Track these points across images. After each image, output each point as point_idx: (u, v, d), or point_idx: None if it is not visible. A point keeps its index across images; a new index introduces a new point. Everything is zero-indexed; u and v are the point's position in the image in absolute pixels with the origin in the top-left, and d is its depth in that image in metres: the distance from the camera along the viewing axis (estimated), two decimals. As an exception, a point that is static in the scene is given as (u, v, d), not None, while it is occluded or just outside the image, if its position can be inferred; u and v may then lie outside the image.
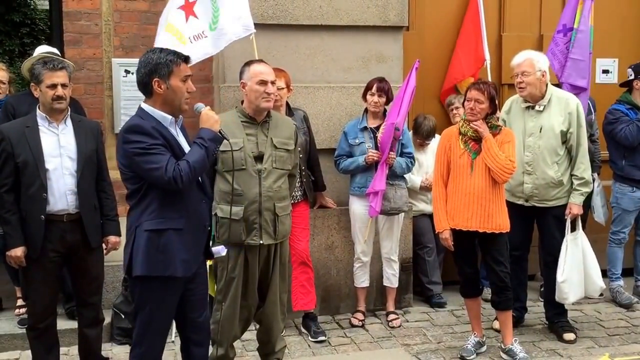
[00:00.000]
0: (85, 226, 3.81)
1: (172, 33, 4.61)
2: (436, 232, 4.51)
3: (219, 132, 3.25)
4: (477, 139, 4.29)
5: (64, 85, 3.75)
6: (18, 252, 3.69)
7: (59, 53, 4.87)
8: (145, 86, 3.16)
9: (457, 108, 5.47)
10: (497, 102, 4.39)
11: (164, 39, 4.57)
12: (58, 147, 3.76)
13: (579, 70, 5.39)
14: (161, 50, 3.20)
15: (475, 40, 5.72)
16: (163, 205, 3.13)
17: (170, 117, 3.19)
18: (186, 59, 3.21)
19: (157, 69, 3.11)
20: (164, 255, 3.13)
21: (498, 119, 4.57)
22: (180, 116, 3.27)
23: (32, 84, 3.75)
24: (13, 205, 3.69)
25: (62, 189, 3.73)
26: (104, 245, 3.99)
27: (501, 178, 4.23)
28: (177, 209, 3.16)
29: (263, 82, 3.83)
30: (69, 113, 3.85)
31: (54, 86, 3.71)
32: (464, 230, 4.32)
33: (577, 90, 5.33)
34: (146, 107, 3.18)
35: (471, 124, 4.29)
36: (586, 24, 5.41)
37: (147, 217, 3.13)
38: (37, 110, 3.80)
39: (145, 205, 3.15)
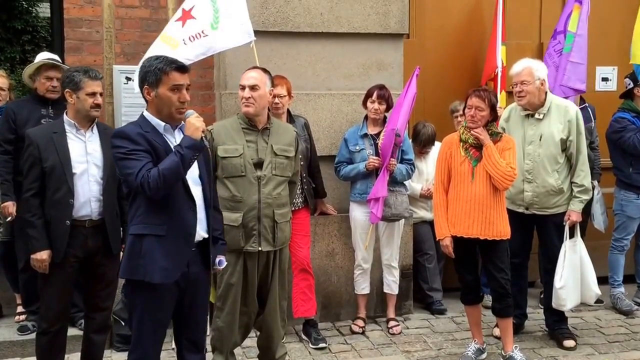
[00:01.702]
0: (108, 232, 3.83)
1: (166, 42, 4.57)
2: (437, 239, 4.50)
3: (201, 139, 3.16)
4: (478, 146, 4.29)
5: (100, 94, 3.84)
6: (44, 255, 3.70)
7: (60, 60, 4.89)
8: (141, 93, 3.21)
9: (461, 115, 5.45)
10: (497, 109, 4.41)
11: (156, 47, 4.54)
12: (85, 154, 3.78)
13: (578, 74, 5.44)
14: (156, 57, 3.20)
15: (490, 45, 5.76)
16: (148, 211, 3.14)
17: (163, 124, 3.19)
18: (179, 68, 3.16)
19: (146, 76, 3.14)
20: (143, 260, 3.13)
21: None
22: (183, 122, 3.25)
23: (67, 90, 3.76)
24: (39, 209, 3.72)
25: (87, 195, 3.75)
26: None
27: (502, 185, 4.24)
28: (159, 216, 3.14)
29: (241, 87, 3.89)
30: (95, 121, 3.89)
31: (93, 94, 3.77)
32: (464, 238, 4.32)
33: (574, 93, 5.40)
34: (146, 113, 3.21)
35: (472, 131, 4.29)
36: (584, 29, 5.44)
37: (134, 221, 3.17)
38: (65, 117, 3.83)
39: (134, 210, 3.18)
